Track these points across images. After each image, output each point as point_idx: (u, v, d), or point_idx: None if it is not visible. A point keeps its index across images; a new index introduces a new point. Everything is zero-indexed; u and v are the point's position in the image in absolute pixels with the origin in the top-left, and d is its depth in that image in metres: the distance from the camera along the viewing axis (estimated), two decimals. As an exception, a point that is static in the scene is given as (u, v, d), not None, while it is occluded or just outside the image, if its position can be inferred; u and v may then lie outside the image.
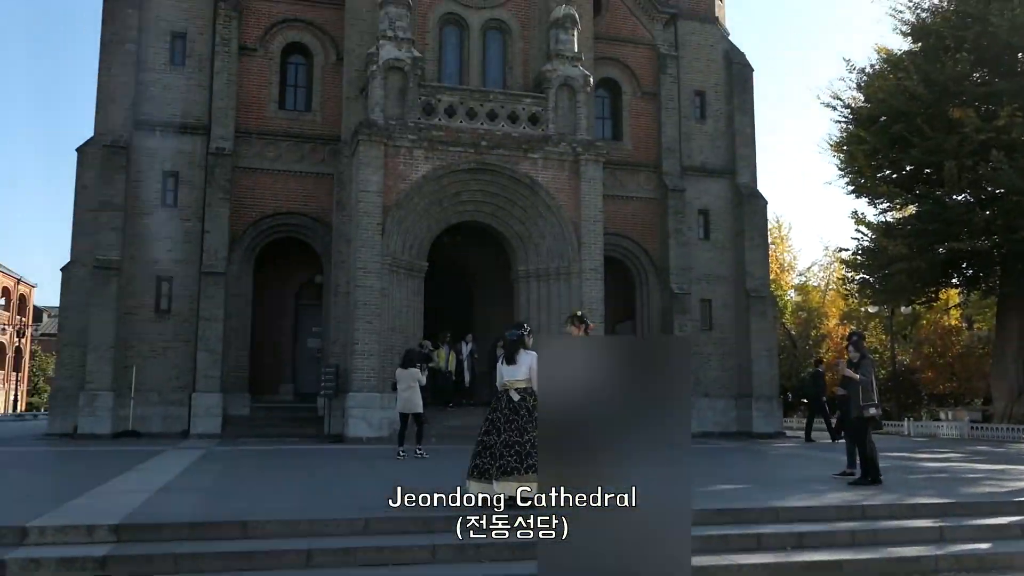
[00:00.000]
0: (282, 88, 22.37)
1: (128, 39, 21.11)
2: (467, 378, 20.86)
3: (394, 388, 14.96)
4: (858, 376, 11.14)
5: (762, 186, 26.47)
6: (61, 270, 20.78)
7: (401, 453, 14.15)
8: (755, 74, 26.47)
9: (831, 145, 29.33)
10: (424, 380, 14.60)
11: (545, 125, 20.52)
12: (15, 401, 58.21)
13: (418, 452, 14.21)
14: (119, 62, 21.01)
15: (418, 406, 14.48)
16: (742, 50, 26.56)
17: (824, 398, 21.49)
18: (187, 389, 20.27)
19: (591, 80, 21.25)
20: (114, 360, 19.78)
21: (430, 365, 17.00)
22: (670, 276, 23.68)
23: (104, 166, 20.39)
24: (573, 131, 20.65)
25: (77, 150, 20.95)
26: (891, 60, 27.27)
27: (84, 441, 18.68)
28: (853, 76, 28.30)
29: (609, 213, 22.02)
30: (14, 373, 59.92)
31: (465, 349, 20.93)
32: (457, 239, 21.37)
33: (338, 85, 21.71)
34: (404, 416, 14.61)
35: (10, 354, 59.34)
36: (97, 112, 21.06)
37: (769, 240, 29.28)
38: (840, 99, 28.69)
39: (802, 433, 23.35)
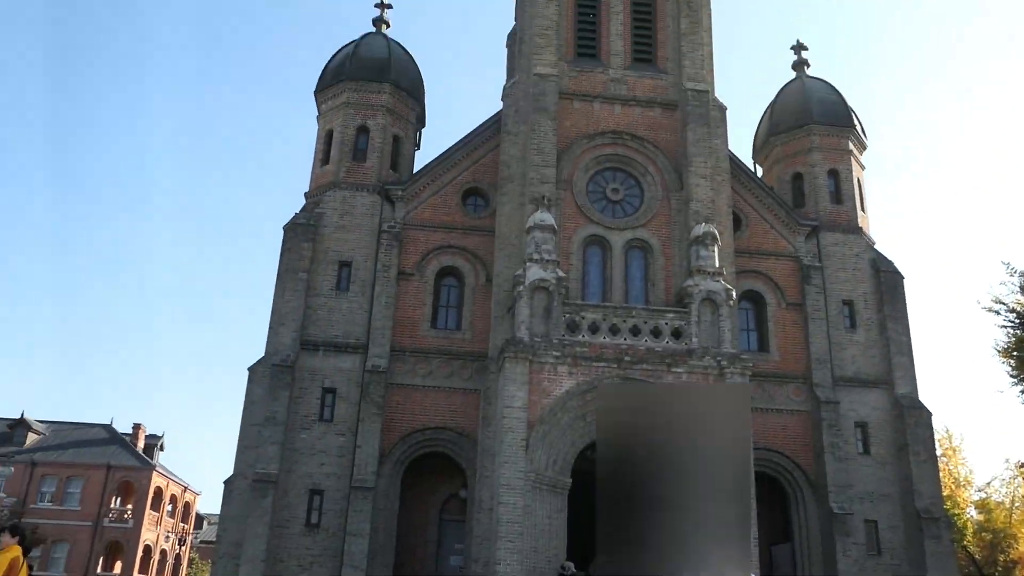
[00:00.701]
0: (435, 308, 23.76)
1: (301, 268, 23.31)
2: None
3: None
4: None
5: (925, 395, 25.10)
6: (224, 483, 21.89)
7: None
8: (906, 280, 25.87)
9: (999, 351, 27.64)
10: None
11: (688, 339, 20.59)
12: (170, 608, 59.46)
13: None
14: (292, 288, 23.10)
15: None
16: (890, 257, 26.20)
17: None
18: (332, 606, 20.26)
19: (733, 294, 21.39)
20: (264, 575, 20.20)
21: None
22: (828, 494, 22.24)
23: (271, 384, 21.91)
24: (717, 344, 20.58)
25: (249, 369, 22.69)
26: (1055, 263, 26.02)
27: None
28: (1015, 279, 27.12)
29: (758, 427, 21.33)
30: (172, 579, 61.74)
31: (611, 571, 20.02)
32: (601, 454, 21.12)
33: (487, 305, 22.85)
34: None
35: (170, 560, 61.47)
36: (269, 333, 22.93)
37: (939, 452, 27.24)
38: (1003, 303, 27.32)
39: None
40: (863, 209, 27.02)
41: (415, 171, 25.44)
